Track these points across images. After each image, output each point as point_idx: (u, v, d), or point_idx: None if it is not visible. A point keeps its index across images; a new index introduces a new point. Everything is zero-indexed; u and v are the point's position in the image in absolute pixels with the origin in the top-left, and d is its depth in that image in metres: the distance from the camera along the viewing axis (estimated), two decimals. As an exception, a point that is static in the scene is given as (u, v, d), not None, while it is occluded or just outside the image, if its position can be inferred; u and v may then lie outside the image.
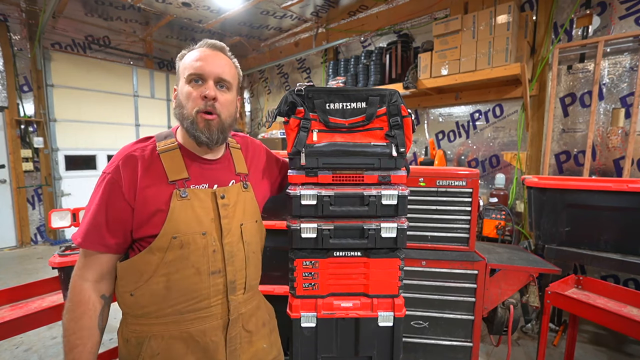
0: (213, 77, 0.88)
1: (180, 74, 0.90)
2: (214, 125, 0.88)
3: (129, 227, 0.84)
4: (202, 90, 0.86)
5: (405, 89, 3.48)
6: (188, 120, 0.87)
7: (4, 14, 4.51)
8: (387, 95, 1.10)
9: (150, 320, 0.86)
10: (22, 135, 4.76)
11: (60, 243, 5.05)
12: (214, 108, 0.87)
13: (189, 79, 0.87)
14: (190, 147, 0.92)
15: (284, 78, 5.98)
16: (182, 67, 0.90)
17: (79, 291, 0.83)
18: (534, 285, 1.87)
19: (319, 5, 4.51)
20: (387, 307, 1.14)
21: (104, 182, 0.84)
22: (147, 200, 0.83)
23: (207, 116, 0.87)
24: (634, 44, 2.69)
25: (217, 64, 0.88)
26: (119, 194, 0.82)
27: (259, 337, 1.01)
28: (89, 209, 0.85)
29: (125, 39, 5.68)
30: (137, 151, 0.87)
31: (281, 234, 1.21)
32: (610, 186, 1.97)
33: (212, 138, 0.88)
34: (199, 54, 0.88)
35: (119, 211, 0.83)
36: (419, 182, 1.81)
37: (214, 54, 0.90)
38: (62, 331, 0.83)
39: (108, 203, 0.82)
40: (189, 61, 0.88)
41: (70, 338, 0.82)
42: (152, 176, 0.85)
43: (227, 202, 0.92)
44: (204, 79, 0.87)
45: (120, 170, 0.84)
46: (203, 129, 0.87)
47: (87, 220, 0.84)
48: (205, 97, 0.86)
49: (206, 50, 0.90)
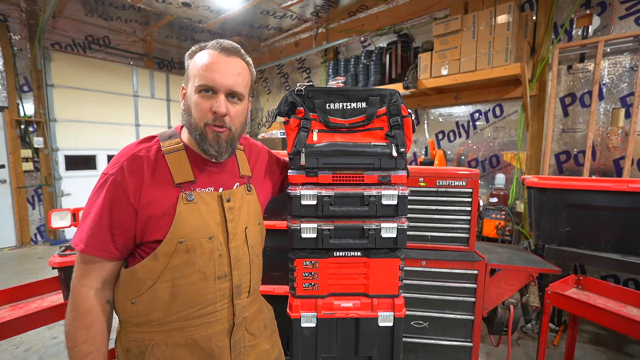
0: (225, 90, 0.82)
1: (190, 78, 0.85)
2: (224, 138, 0.85)
3: (133, 232, 0.80)
4: (212, 104, 0.82)
5: (405, 89, 3.48)
6: (197, 131, 0.84)
7: (4, 14, 4.51)
8: (387, 95, 1.10)
9: (152, 328, 0.83)
10: (22, 135, 4.76)
11: (60, 243, 5.05)
12: (223, 122, 0.84)
13: (199, 88, 0.82)
14: (195, 149, 0.89)
15: (284, 78, 5.98)
16: (192, 71, 0.84)
17: (85, 299, 0.80)
18: (534, 285, 1.87)
19: (319, 5, 4.51)
20: (387, 307, 1.14)
21: (106, 183, 0.79)
22: (152, 203, 0.80)
23: (217, 129, 0.84)
24: (634, 44, 2.69)
25: (229, 74, 0.83)
26: (123, 196, 0.78)
27: (262, 339, 1.00)
28: (90, 213, 0.80)
29: (125, 39, 5.68)
30: (142, 151, 0.83)
31: (281, 234, 1.21)
32: (610, 186, 1.97)
33: (221, 151, 0.86)
34: (210, 60, 0.82)
35: (123, 215, 0.79)
36: (419, 182, 1.81)
37: (227, 61, 0.84)
38: (69, 341, 0.79)
39: (112, 206, 0.78)
40: (200, 68, 0.82)
41: (82, 347, 0.79)
42: (158, 178, 0.82)
43: (233, 206, 0.91)
44: (214, 91, 0.82)
45: (125, 171, 0.79)
46: (212, 141, 0.84)
47: (89, 224, 0.79)
48: (215, 112, 0.82)
49: (220, 55, 0.83)
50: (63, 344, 2.42)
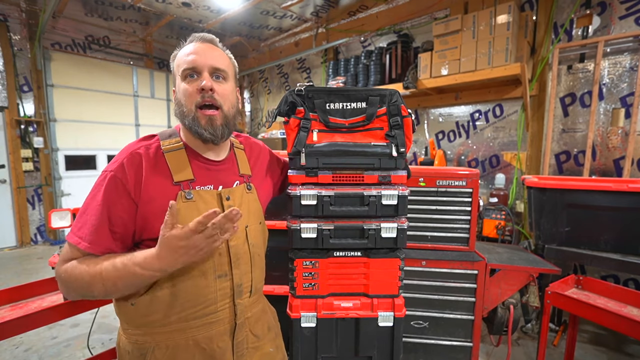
0: (207, 68, 0.85)
1: (176, 73, 0.88)
2: (218, 122, 0.86)
3: (132, 228, 0.80)
4: (198, 83, 0.84)
5: (405, 89, 3.48)
6: (189, 117, 0.84)
7: (4, 14, 4.51)
8: (387, 95, 1.10)
9: (153, 330, 0.82)
10: (22, 135, 4.76)
11: (60, 243, 5.04)
12: (214, 99, 0.85)
13: (184, 74, 0.85)
14: (195, 147, 0.90)
15: (284, 78, 5.98)
16: (176, 66, 0.88)
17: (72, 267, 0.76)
18: (534, 285, 1.87)
19: (319, 5, 4.51)
20: (387, 307, 1.14)
21: (106, 180, 0.79)
22: (152, 201, 0.80)
23: (208, 112, 0.84)
24: (634, 44, 2.69)
25: (209, 55, 0.86)
26: (124, 192, 0.78)
27: (266, 341, 1.00)
28: (88, 209, 0.79)
29: (125, 39, 5.68)
30: (141, 149, 0.83)
31: (281, 234, 1.21)
32: (610, 186, 1.96)
33: (217, 134, 0.86)
34: (190, 49, 0.86)
35: (124, 211, 0.79)
36: (419, 182, 1.81)
37: (205, 47, 0.87)
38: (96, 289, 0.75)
39: (114, 202, 0.78)
40: (182, 57, 0.86)
41: (108, 280, 0.74)
42: (158, 176, 0.82)
43: (232, 204, 0.91)
44: (198, 72, 0.85)
45: (125, 168, 0.79)
46: (206, 125, 0.84)
47: (91, 221, 0.77)
48: (203, 89, 0.83)
49: (197, 44, 0.87)
50: (63, 344, 2.44)
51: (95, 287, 0.75)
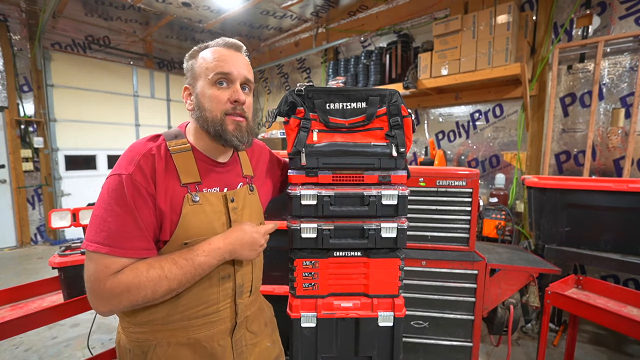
0: (241, 78, 0.85)
1: (201, 75, 0.84)
2: (244, 128, 0.87)
3: (157, 227, 0.79)
4: (231, 93, 0.84)
5: (405, 89, 3.48)
6: (216, 124, 0.83)
7: (4, 14, 4.51)
8: (387, 95, 1.10)
9: (155, 327, 0.82)
10: (22, 135, 4.76)
11: (60, 243, 5.04)
12: (243, 111, 0.86)
13: (214, 79, 0.83)
14: (202, 149, 0.88)
15: (284, 78, 5.98)
16: (202, 67, 0.84)
17: (123, 275, 0.73)
18: (534, 285, 1.87)
19: (319, 5, 4.51)
20: (387, 307, 1.14)
21: (125, 183, 0.74)
22: (165, 201, 0.79)
23: (237, 118, 0.85)
24: (634, 44, 2.69)
25: (242, 65, 0.86)
26: (146, 195, 0.76)
27: (263, 337, 1.01)
28: (109, 216, 0.73)
29: (125, 39, 5.68)
30: (153, 149, 0.81)
31: (281, 234, 1.22)
32: (610, 186, 1.96)
33: (244, 140, 0.87)
34: (222, 54, 0.84)
35: (150, 214, 0.77)
36: (419, 182, 1.81)
37: (236, 55, 0.87)
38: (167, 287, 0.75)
39: (140, 207, 0.75)
40: (212, 61, 0.83)
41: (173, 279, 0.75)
42: (168, 177, 0.81)
43: (236, 206, 0.91)
44: (231, 80, 0.84)
45: (142, 168, 0.77)
46: (234, 131, 0.85)
47: (121, 228, 0.73)
48: (237, 101, 0.84)
49: (229, 51, 0.86)
50: (63, 344, 2.44)
51: (161, 288, 0.74)
